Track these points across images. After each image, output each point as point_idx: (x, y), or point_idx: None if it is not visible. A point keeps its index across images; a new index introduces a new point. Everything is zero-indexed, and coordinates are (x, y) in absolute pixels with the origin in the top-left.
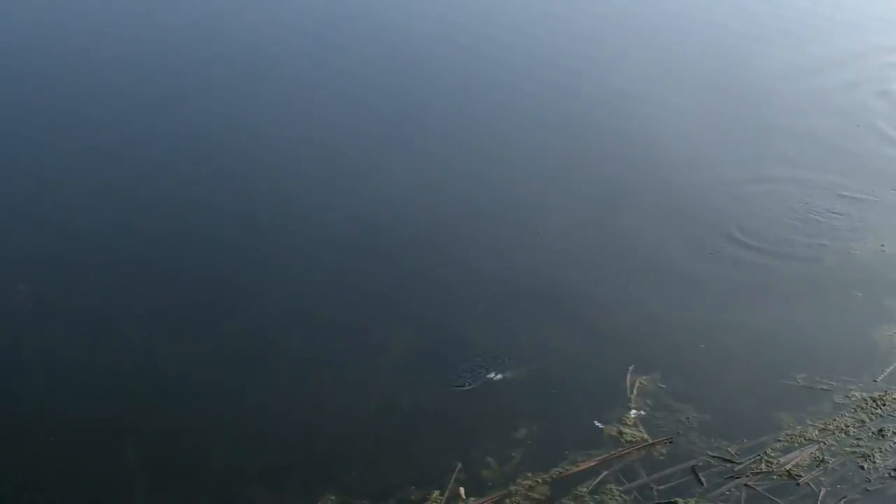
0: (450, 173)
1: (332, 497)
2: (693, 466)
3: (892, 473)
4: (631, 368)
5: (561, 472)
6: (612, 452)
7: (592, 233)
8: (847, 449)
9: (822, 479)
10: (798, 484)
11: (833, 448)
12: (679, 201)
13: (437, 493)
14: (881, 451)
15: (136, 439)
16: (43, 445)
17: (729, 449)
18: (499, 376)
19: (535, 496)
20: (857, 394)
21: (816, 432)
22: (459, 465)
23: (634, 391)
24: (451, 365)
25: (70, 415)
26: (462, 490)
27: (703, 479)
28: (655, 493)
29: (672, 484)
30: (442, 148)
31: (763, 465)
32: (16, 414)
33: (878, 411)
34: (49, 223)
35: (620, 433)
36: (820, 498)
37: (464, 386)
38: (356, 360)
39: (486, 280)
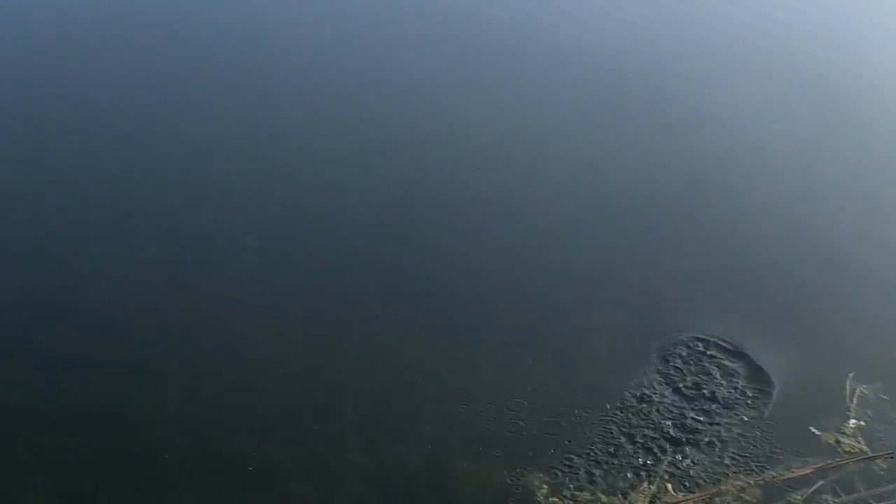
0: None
1: (540, 475)
2: None
3: None
4: (851, 375)
5: (774, 477)
6: (829, 462)
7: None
8: None
9: None
10: None
11: None
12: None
13: (646, 484)
14: None
15: (354, 398)
16: (263, 395)
17: None
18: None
19: (747, 498)
20: None
21: None
22: (668, 458)
23: (854, 400)
24: (664, 352)
25: (290, 369)
26: (669, 485)
27: None
28: None
29: (892, 502)
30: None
31: None
32: (237, 368)
33: None
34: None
35: (838, 442)
36: None
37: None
38: (568, 342)
39: (704, 268)
